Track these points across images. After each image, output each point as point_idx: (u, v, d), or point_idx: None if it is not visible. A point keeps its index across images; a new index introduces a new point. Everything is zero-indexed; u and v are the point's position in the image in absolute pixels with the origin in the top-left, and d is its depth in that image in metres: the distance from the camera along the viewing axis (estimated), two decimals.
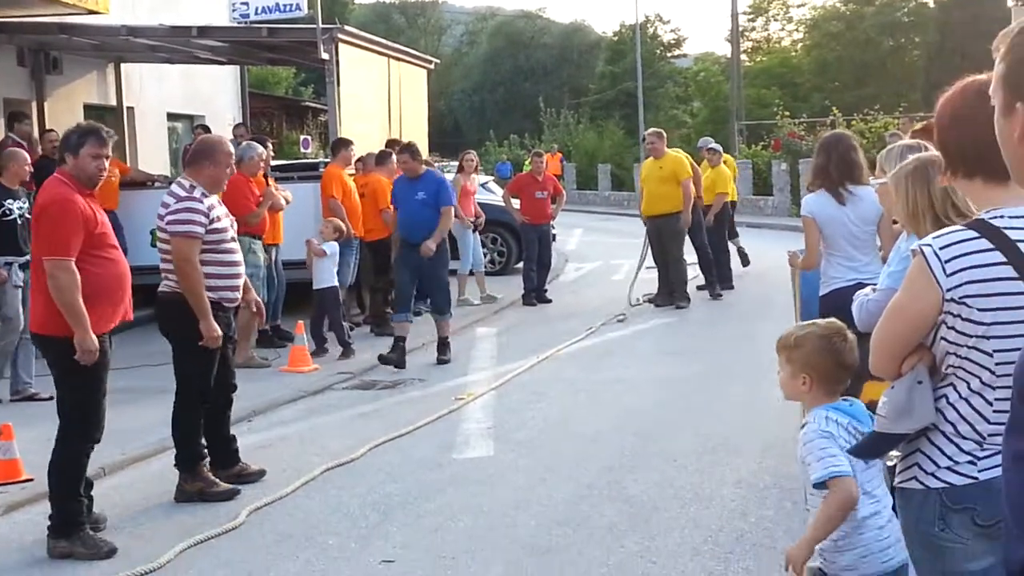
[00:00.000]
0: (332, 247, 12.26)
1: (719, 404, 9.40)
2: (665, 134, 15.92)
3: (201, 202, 7.23)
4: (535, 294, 16.21)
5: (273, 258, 12.41)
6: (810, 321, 4.07)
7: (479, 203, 16.71)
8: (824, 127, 30.85)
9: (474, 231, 16.25)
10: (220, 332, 7.21)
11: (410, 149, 12.05)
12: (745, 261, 18.30)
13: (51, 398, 9.33)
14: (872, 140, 26.82)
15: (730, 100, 42.08)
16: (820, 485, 3.68)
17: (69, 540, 6.28)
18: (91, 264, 6.27)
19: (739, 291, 16.72)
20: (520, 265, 17.43)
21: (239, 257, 7.52)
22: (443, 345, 12.04)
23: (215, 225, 7.27)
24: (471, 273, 16.23)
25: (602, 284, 17.83)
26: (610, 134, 49.79)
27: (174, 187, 7.39)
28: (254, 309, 7.95)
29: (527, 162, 18.14)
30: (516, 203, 16.54)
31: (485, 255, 17.58)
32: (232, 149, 7.74)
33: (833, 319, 4.07)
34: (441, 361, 11.88)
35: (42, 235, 6.24)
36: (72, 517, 6.33)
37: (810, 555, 3.77)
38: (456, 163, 18.46)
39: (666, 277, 15.45)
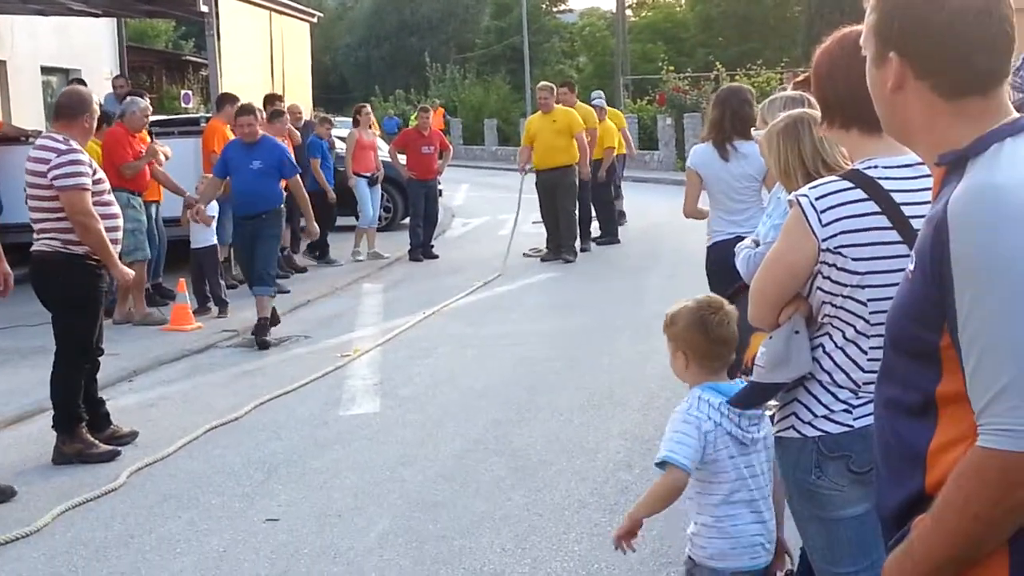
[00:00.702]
0: (212, 206, 12.00)
1: (605, 358, 9.47)
2: (554, 88, 15.89)
3: (83, 154, 7.04)
4: (421, 250, 16.15)
5: (154, 215, 12.14)
6: (689, 297, 3.95)
7: None
8: (708, 82, 31.17)
9: (372, 184, 16.12)
10: (130, 272, 7.11)
11: (246, 108, 11.06)
12: (621, 220, 18.39)
13: None
14: (755, 96, 27.10)
15: (615, 55, 42.20)
16: (660, 465, 3.62)
17: None
18: None
19: (626, 246, 16.84)
20: (406, 221, 17.33)
21: (117, 210, 7.34)
22: (261, 327, 10.56)
23: (97, 176, 7.10)
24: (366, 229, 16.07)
25: (488, 239, 17.82)
26: (496, 89, 49.65)
27: (47, 141, 7.13)
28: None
29: (413, 117, 17.97)
30: (402, 159, 16.41)
31: None
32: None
33: (711, 294, 4.02)
34: (261, 345, 10.42)
35: None
36: None
37: (633, 529, 3.64)
38: (346, 118, 18.27)
39: (556, 231, 15.47)
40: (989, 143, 1.99)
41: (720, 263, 6.65)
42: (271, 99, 14.91)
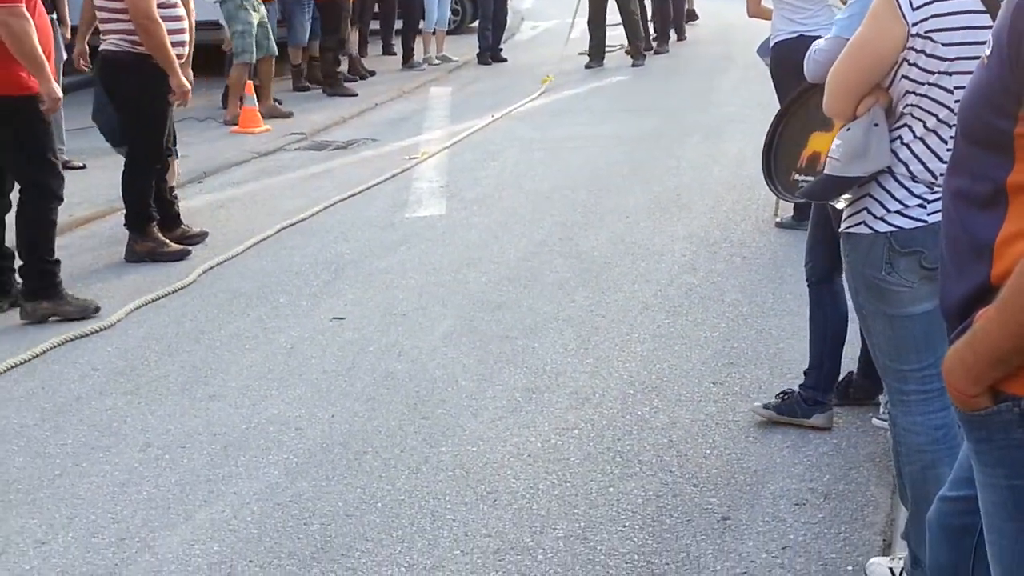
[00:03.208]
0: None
1: (672, 160, 9.33)
2: None
3: None
4: (490, 53, 15.88)
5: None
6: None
7: None
8: None
9: None
10: (189, 86, 7.05)
11: None
12: (693, 19, 17.87)
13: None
14: None
15: None
16: None
17: (51, 301, 6.20)
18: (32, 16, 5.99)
19: (698, 47, 16.46)
20: (475, 24, 17.02)
21: (181, 12, 7.22)
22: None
23: None
24: (433, 32, 15.84)
25: (557, 43, 17.42)
26: None
27: None
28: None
29: None
30: None
31: None
32: None
33: None
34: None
35: None
36: (50, 278, 6.24)
37: None
38: None
39: (600, 34, 14.96)
40: None
41: (782, 63, 6.56)
42: None
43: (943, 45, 2.94)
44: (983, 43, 2.85)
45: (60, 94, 6.10)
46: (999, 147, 1.95)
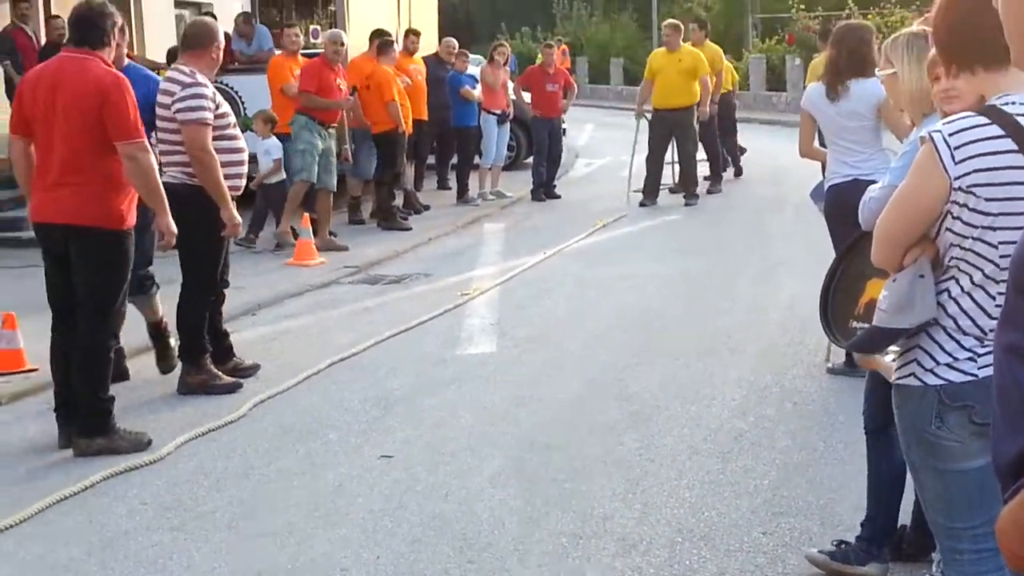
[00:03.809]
0: (269, 143, 12.07)
1: (724, 302, 9.35)
2: (681, 26, 15.59)
3: (208, 87, 7.12)
4: (544, 190, 16.07)
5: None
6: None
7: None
8: (839, 20, 30.34)
9: (501, 123, 16.09)
10: (240, 219, 7.19)
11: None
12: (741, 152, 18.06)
13: None
14: (887, 34, 26.33)
15: None
16: None
17: (106, 437, 6.21)
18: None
19: (750, 188, 16.59)
20: (529, 160, 17.27)
21: (242, 144, 7.41)
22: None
23: (220, 110, 7.16)
24: (489, 168, 16.09)
25: (611, 180, 17.66)
26: (623, 27, 49.01)
27: (174, 74, 7.21)
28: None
29: (539, 55, 17.85)
30: (527, 96, 16.35)
31: None
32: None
33: None
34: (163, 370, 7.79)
35: (113, 119, 6.02)
36: (105, 416, 6.26)
37: None
38: (477, 56, 18.26)
39: (656, 173, 15.14)
40: None
41: (837, 206, 6.57)
42: (410, 33, 15.06)
43: (986, 200, 2.94)
44: None
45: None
46: None
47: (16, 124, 6.28)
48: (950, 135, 2.96)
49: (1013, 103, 2.97)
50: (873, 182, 6.80)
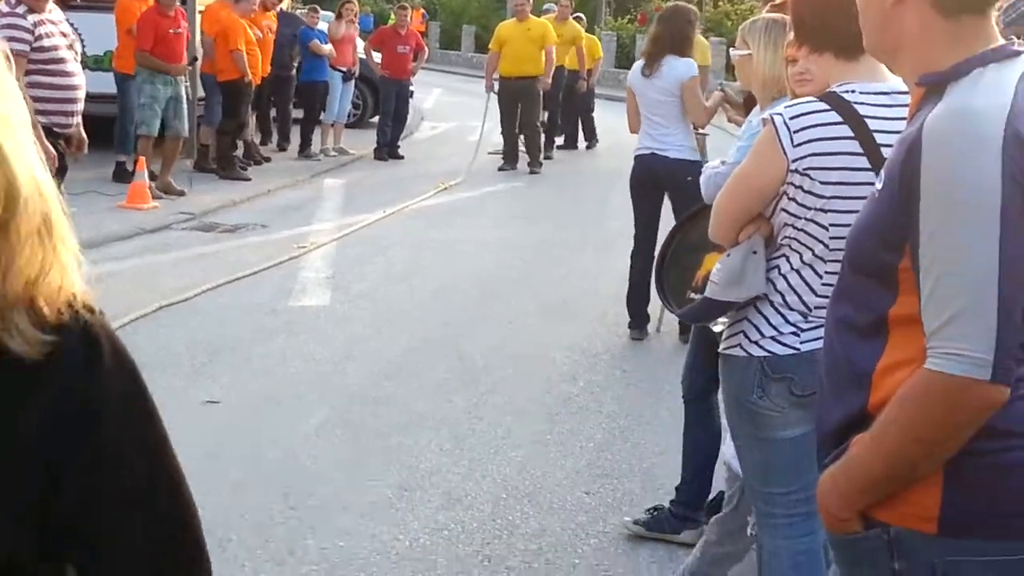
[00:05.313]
0: None
1: (561, 269, 9.44)
2: None
3: (25, 19, 6.85)
4: (387, 149, 15.97)
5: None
6: None
7: None
8: (692, 3, 30.83)
9: (347, 80, 15.93)
10: (54, 152, 6.92)
11: None
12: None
13: None
14: (737, 21, 26.92)
15: None
16: None
17: None
18: None
19: (593, 161, 16.76)
20: (375, 120, 17.13)
21: (73, 80, 7.13)
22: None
23: (42, 43, 6.89)
24: (332, 124, 15.91)
25: (455, 144, 17.64)
26: None
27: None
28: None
29: (391, 16, 17.71)
30: (377, 57, 16.21)
31: None
32: None
33: None
34: None
35: None
36: None
37: None
38: (327, 12, 18.01)
39: (512, 140, 15.30)
40: (971, 68, 1.97)
41: (636, 176, 7.23)
42: None
43: (820, 183, 3.01)
44: (859, 184, 2.97)
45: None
46: (884, 279, 2.01)
47: None
48: (790, 119, 3.03)
49: (853, 91, 3.05)
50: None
